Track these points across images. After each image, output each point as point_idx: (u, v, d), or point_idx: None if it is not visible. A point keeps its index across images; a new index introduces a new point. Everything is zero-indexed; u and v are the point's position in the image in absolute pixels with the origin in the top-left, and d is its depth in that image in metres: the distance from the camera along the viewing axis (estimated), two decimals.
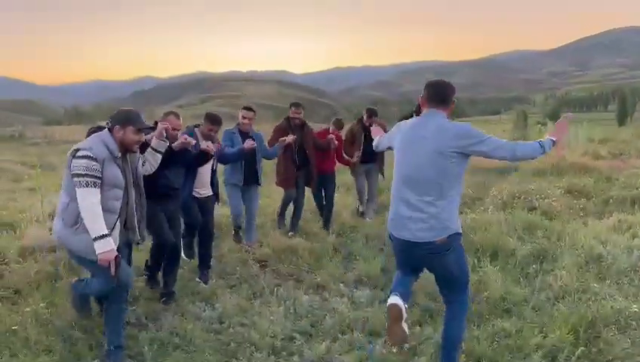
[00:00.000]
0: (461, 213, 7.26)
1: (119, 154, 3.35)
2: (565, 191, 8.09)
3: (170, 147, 4.08)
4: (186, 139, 4.20)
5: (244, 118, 5.90)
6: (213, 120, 5.13)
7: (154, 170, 3.88)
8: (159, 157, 3.85)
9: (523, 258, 5.21)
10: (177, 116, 4.53)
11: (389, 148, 3.38)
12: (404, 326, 2.97)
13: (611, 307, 3.94)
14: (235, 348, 3.71)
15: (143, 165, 3.71)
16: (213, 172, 5.26)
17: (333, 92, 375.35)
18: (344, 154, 6.98)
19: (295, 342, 3.73)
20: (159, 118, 4.40)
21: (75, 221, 3.20)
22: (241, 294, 4.62)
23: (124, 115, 3.37)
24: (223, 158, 5.45)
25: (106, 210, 3.23)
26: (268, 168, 7.04)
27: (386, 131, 5.62)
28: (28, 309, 4.08)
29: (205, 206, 5.23)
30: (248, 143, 5.34)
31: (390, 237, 3.22)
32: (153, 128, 3.76)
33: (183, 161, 4.48)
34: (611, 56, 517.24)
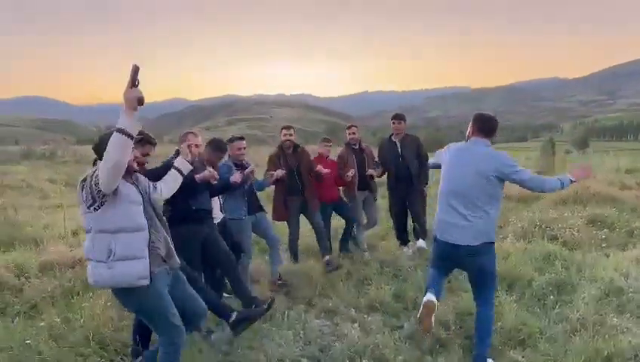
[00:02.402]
0: None
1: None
2: (588, 222, 7.89)
3: (192, 176, 4.01)
4: (211, 172, 4.19)
5: (239, 148, 5.43)
6: (221, 147, 5.01)
7: (170, 194, 3.56)
8: (180, 180, 3.57)
9: (540, 288, 5.10)
10: (195, 135, 4.41)
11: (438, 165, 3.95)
12: (433, 318, 3.61)
13: (629, 342, 3.82)
14: None
15: (154, 189, 3.37)
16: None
17: (360, 116, 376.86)
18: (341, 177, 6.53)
19: None
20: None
21: (108, 253, 2.92)
22: None
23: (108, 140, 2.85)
24: (212, 190, 4.78)
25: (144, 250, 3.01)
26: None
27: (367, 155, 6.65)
28: (42, 324, 4.17)
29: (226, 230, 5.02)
30: (233, 179, 4.86)
31: (435, 239, 3.81)
32: (141, 140, 3.64)
33: (206, 190, 4.53)
34: None
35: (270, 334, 4.24)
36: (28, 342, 3.84)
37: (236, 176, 4.86)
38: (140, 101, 2.68)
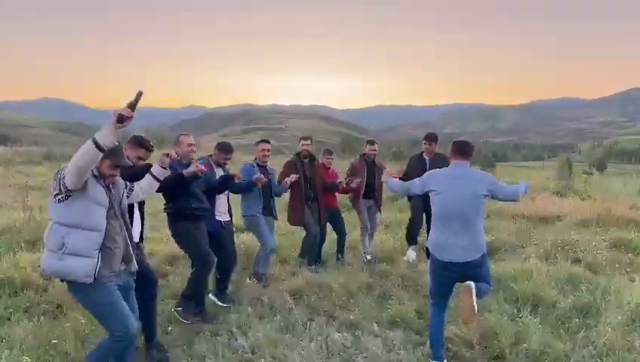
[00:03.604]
0: (503, 260, 7.08)
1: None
2: (611, 245, 7.79)
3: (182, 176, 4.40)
4: (197, 166, 4.43)
5: (262, 150, 6.03)
6: (227, 149, 5.49)
7: (148, 196, 3.81)
8: (156, 186, 3.79)
9: (565, 311, 5.02)
10: (188, 135, 4.93)
11: (426, 191, 4.06)
12: None
13: None
14: None
15: (128, 195, 3.49)
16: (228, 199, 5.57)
17: (375, 129, 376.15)
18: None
19: None
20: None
21: (60, 245, 3.04)
22: (274, 326, 4.62)
23: None
24: (235, 187, 5.54)
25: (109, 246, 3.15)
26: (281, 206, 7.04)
27: (377, 169, 6.85)
28: (68, 324, 4.21)
29: (229, 230, 5.54)
30: (257, 177, 5.51)
31: (432, 260, 4.00)
32: (131, 167, 3.57)
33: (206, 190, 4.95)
34: None
35: (292, 345, 4.23)
36: (55, 341, 3.88)
37: (258, 178, 5.50)
38: (120, 118, 2.80)
